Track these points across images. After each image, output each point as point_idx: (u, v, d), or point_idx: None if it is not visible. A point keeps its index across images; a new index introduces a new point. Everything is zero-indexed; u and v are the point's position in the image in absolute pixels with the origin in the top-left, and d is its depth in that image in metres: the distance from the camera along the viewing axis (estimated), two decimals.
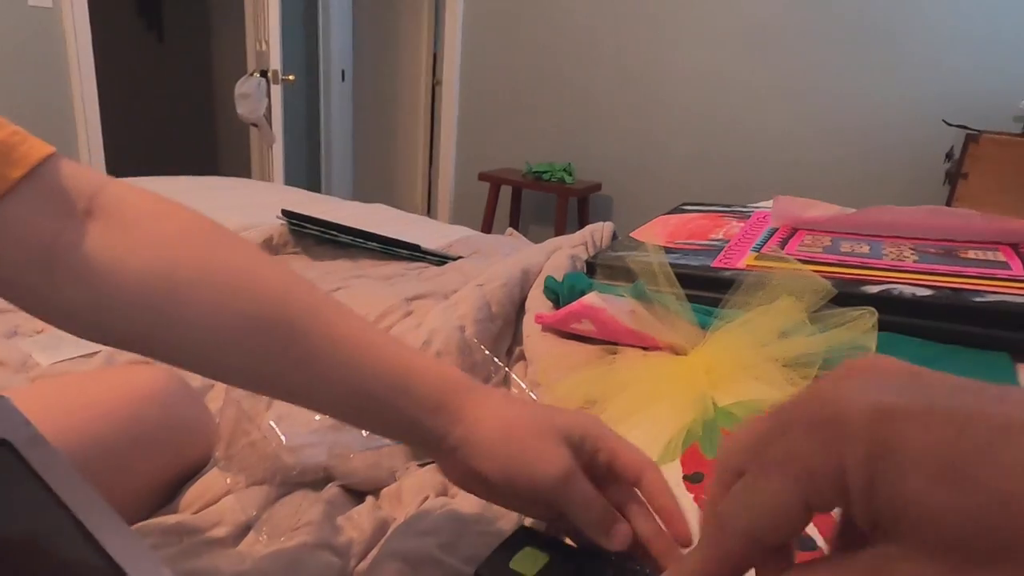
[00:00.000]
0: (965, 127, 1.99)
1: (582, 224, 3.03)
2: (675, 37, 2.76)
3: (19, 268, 0.34)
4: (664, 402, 0.54)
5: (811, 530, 0.41)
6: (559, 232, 2.91)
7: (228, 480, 0.52)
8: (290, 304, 0.36)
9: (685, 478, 0.46)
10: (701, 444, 0.49)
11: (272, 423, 0.52)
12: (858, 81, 2.44)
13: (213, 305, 0.35)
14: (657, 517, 0.36)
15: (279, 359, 0.35)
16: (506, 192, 3.21)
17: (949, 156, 2.14)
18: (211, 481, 0.54)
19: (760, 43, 2.59)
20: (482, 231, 3.05)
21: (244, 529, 0.50)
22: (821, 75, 2.50)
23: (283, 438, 0.51)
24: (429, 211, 4.14)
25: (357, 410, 0.37)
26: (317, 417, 0.55)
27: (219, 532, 0.49)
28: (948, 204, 1.95)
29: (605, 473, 0.37)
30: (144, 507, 0.52)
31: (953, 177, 1.95)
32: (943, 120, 2.18)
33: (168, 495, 0.54)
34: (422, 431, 0.36)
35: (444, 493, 0.55)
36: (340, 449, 0.53)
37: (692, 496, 0.45)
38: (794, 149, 2.62)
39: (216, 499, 0.53)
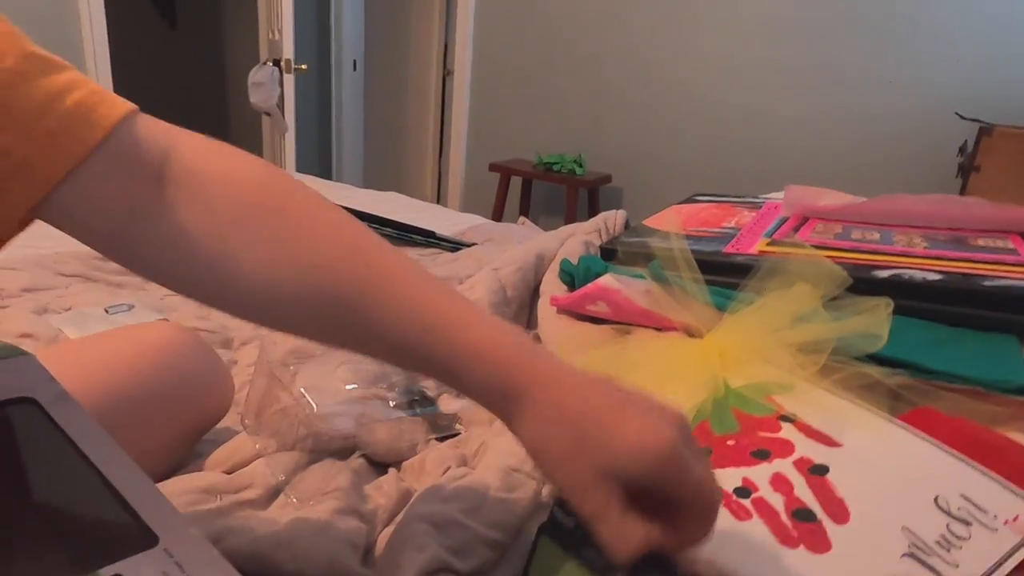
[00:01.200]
0: (978, 120, 1.98)
1: (592, 215, 3.03)
2: (687, 28, 2.76)
3: (99, 230, 0.36)
4: (677, 382, 0.55)
5: (811, 501, 0.43)
6: (569, 223, 2.92)
7: (257, 445, 0.54)
8: (356, 265, 0.35)
9: None
10: (711, 421, 0.51)
11: (303, 390, 0.54)
12: (872, 73, 2.43)
13: (276, 267, 0.35)
14: None
15: (342, 323, 0.35)
16: (516, 183, 3.22)
17: (963, 150, 2.13)
18: (239, 444, 0.56)
19: (772, 35, 2.58)
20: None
21: (274, 492, 0.52)
22: (835, 67, 2.50)
23: (314, 406, 0.53)
24: (439, 201, 4.16)
25: (425, 374, 0.36)
26: (347, 387, 0.57)
27: (250, 494, 0.52)
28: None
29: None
30: (165, 459, 0.54)
31: (966, 170, 1.95)
32: (956, 113, 2.17)
33: (187, 451, 0.56)
34: (490, 407, 0.35)
35: (464, 464, 0.58)
36: (366, 420, 0.55)
37: None
38: (806, 142, 2.62)
39: (245, 462, 0.55)
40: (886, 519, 0.40)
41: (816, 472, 0.44)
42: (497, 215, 3.13)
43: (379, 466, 0.58)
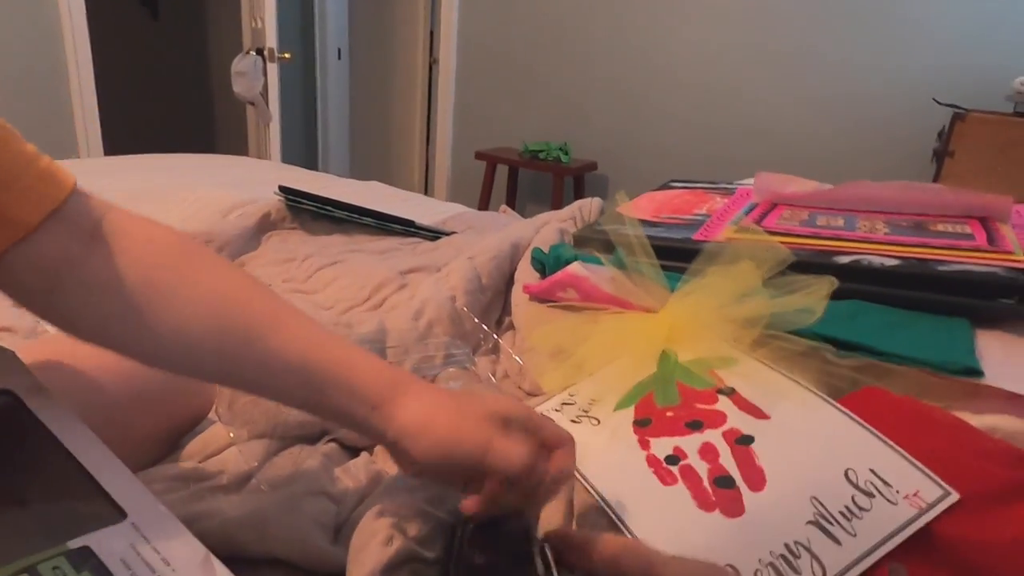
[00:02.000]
0: (955, 106, 2.01)
1: None
2: (671, 16, 2.76)
3: (31, 287, 0.40)
4: (630, 354, 0.57)
5: (732, 469, 0.45)
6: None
7: (231, 434, 0.56)
8: (252, 311, 0.41)
9: (635, 423, 0.50)
10: (655, 394, 0.53)
11: None
12: (852, 59, 2.45)
13: (184, 314, 0.40)
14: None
15: (240, 359, 0.41)
16: (502, 171, 3.23)
17: (940, 135, 2.16)
18: (213, 434, 0.57)
19: (754, 22, 2.60)
20: (479, 210, 3.08)
21: (246, 478, 0.54)
22: (816, 53, 2.51)
23: None
24: (426, 190, 4.15)
25: (312, 405, 0.42)
26: None
27: (222, 480, 0.53)
28: (935, 181, 1.98)
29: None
30: (144, 459, 0.55)
31: (940, 156, 1.98)
32: (934, 99, 2.20)
33: (166, 449, 0.57)
34: (367, 426, 0.41)
35: None
36: None
37: (637, 438, 0.49)
38: (789, 126, 2.64)
39: (219, 451, 0.56)
40: (798, 488, 0.42)
41: (742, 442, 0.47)
42: (484, 203, 3.13)
43: (351, 450, 0.60)
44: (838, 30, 2.45)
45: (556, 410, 0.55)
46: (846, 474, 0.42)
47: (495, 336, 0.82)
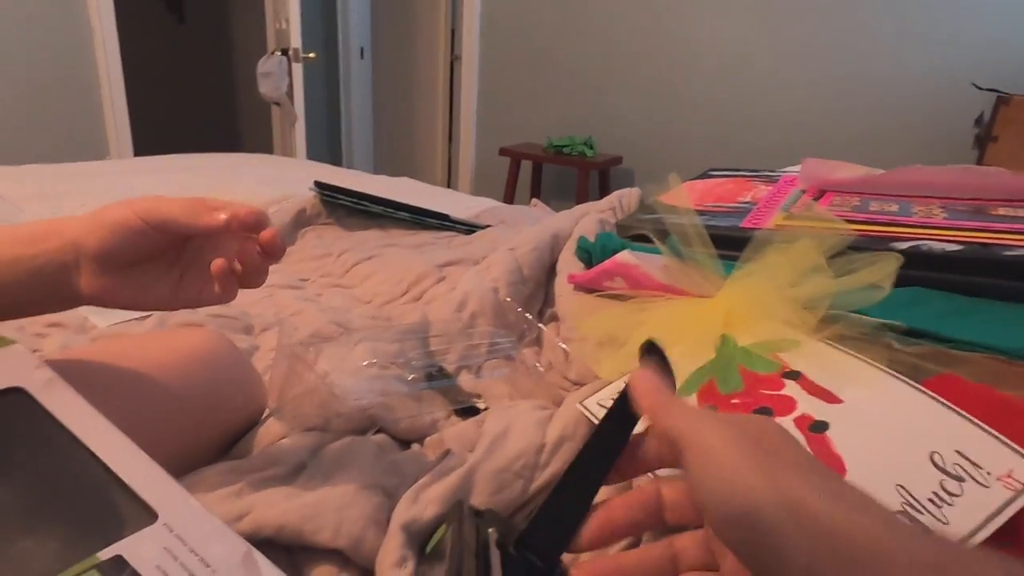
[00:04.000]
0: (995, 90, 1.95)
1: (604, 197, 3.02)
2: (695, 7, 2.72)
3: None
4: (686, 340, 0.56)
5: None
6: None
7: (281, 427, 0.55)
8: None
9: None
10: (717, 380, 0.51)
11: (325, 370, 0.54)
12: (885, 45, 2.40)
13: None
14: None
15: None
16: (527, 167, 3.21)
17: (979, 121, 2.10)
18: (266, 430, 0.57)
19: (783, 10, 2.55)
20: None
21: (299, 468, 0.53)
22: (848, 38, 2.46)
23: (336, 384, 0.53)
24: (450, 186, 4.15)
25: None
26: (363, 363, 0.58)
27: (275, 471, 0.52)
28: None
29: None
30: (197, 464, 0.54)
31: (983, 141, 1.92)
32: (972, 84, 2.14)
33: (219, 453, 0.56)
34: (46, 259, 0.41)
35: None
36: (385, 395, 0.55)
37: None
38: (819, 118, 2.59)
39: (271, 444, 0.56)
40: (881, 476, 0.40)
41: (816, 429, 0.45)
42: (508, 199, 3.12)
43: (401, 442, 0.59)
44: (871, 14, 2.40)
45: (612, 398, 0.54)
46: (931, 458, 0.40)
47: (540, 326, 0.81)
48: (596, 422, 0.53)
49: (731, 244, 0.75)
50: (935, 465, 0.40)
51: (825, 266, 0.56)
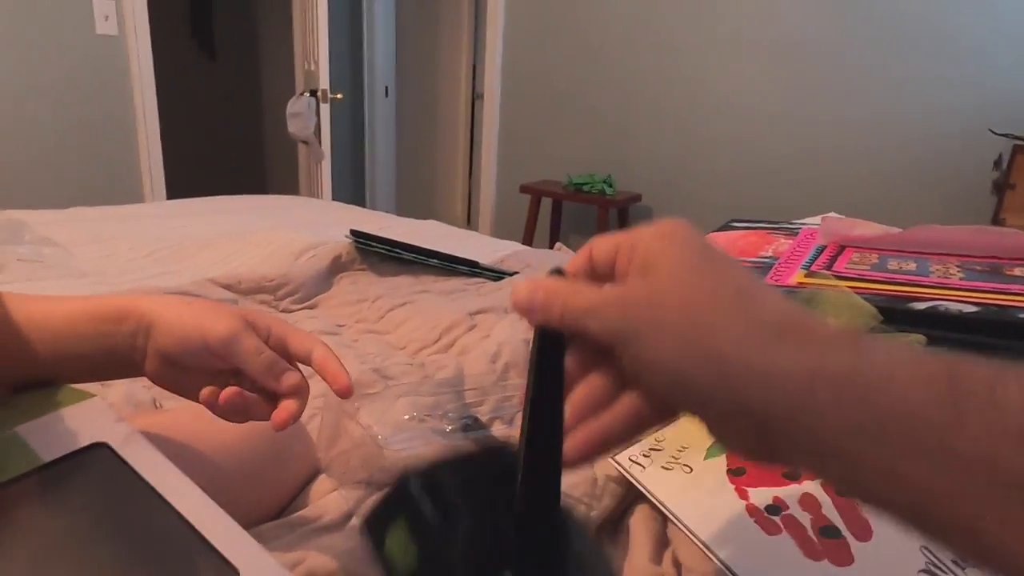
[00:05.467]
0: (1012, 136, 1.98)
1: None
2: (715, 48, 2.79)
3: None
4: None
5: (836, 519, 0.46)
6: None
7: (332, 483, 0.59)
8: None
9: (729, 472, 0.52)
10: None
11: (370, 423, 0.58)
12: (902, 90, 2.44)
13: None
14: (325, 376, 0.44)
15: None
16: (547, 204, 3.27)
17: (997, 164, 2.13)
18: (318, 486, 0.60)
19: (801, 55, 2.60)
20: (523, 243, 3.12)
21: (347, 517, 0.57)
22: (863, 85, 2.51)
23: (380, 437, 0.57)
24: (469, 223, 4.22)
25: (73, 348, 0.44)
26: (405, 417, 0.62)
27: (325, 521, 0.56)
28: (996, 214, 1.94)
29: (282, 352, 0.45)
30: (255, 524, 0.56)
31: (1001, 188, 1.94)
32: (989, 129, 2.17)
33: (275, 514, 0.57)
34: (119, 341, 0.44)
35: None
36: (425, 448, 0.59)
37: (734, 487, 0.50)
38: (836, 159, 2.63)
39: (320, 498, 0.59)
40: (906, 538, 0.43)
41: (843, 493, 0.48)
42: (528, 236, 3.17)
43: None
44: (889, 59, 2.44)
45: (644, 455, 0.57)
46: None
47: None
48: (628, 476, 0.56)
49: None
50: None
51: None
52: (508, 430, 0.74)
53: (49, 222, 1.47)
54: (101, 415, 0.42)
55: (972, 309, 0.69)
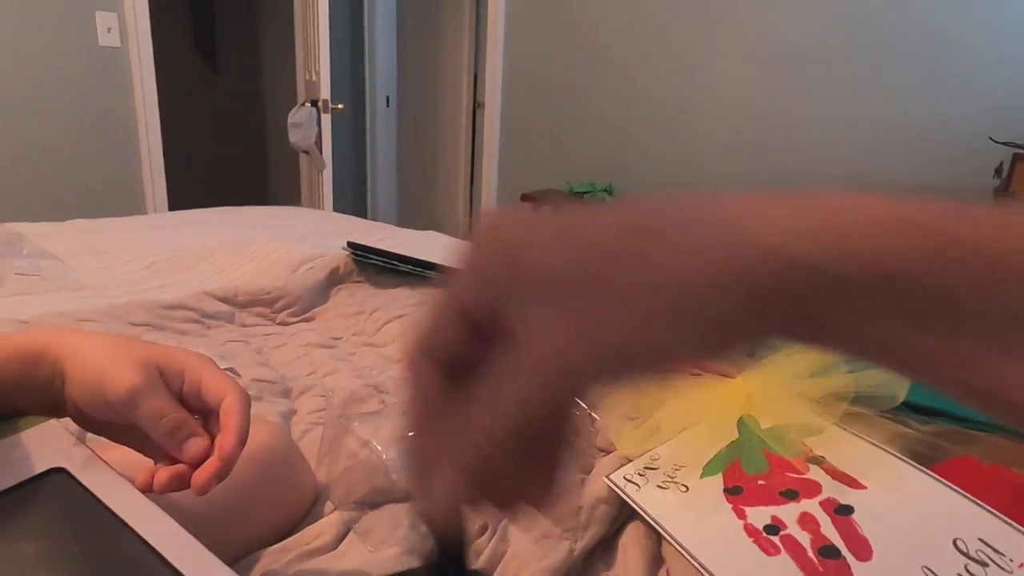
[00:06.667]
0: (1013, 144, 1.97)
1: None
2: (716, 56, 2.80)
3: None
4: (708, 420, 0.59)
5: (836, 539, 0.46)
6: None
7: (332, 503, 0.58)
8: None
9: (726, 491, 0.51)
10: (742, 461, 0.54)
11: (373, 441, 0.58)
12: (902, 100, 2.44)
13: None
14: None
15: None
16: None
17: (999, 172, 2.12)
18: (316, 509, 0.60)
19: (800, 64, 2.61)
20: None
21: (340, 538, 0.56)
22: (863, 95, 2.51)
23: (383, 456, 0.57)
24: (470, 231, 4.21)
25: None
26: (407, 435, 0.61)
27: (319, 542, 0.55)
28: None
29: (196, 399, 0.41)
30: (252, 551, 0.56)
31: (1002, 196, 1.94)
32: (990, 137, 2.16)
33: (273, 541, 0.56)
34: (41, 385, 0.40)
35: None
36: None
37: (731, 507, 0.50)
38: (836, 167, 2.62)
39: (316, 519, 0.59)
40: (907, 558, 0.42)
41: (841, 512, 0.47)
42: None
43: None
44: (884, 74, 2.44)
45: (640, 474, 0.57)
46: (955, 543, 0.43)
47: None
48: (623, 496, 0.56)
49: None
50: (959, 550, 0.42)
51: (841, 365, 0.59)
52: None
53: (47, 235, 1.47)
54: (57, 439, 0.40)
55: None
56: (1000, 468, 0.52)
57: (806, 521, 0.47)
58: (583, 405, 0.77)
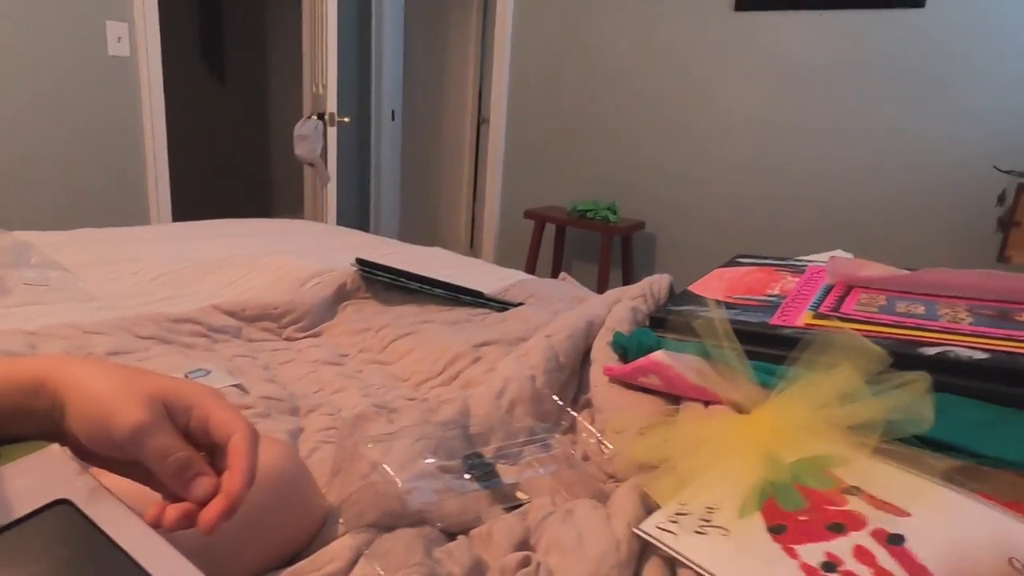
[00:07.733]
0: (1016, 172, 1.99)
1: (626, 261, 3.08)
2: (721, 80, 2.82)
3: None
4: (734, 459, 0.58)
5: (896, 570, 0.45)
6: (603, 270, 2.95)
7: (340, 522, 0.58)
8: None
9: (769, 530, 0.50)
10: (778, 498, 0.53)
11: (385, 465, 0.57)
12: (906, 126, 2.45)
13: None
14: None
15: None
16: (550, 230, 3.28)
17: (1001, 199, 2.14)
18: (326, 530, 0.59)
19: (806, 88, 2.63)
20: (526, 268, 3.13)
21: (353, 562, 0.56)
22: (867, 120, 2.53)
23: (398, 482, 0.56)
24: (472, 247, 4.23)
25: None
26: (426, 461, 0.61)
27: (332, 568, 0.55)
28: (1001, 251, 1.95)
29: (203, 435, 0.40)
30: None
31: (1006, 225, 1.95)
32: (994, 166, 2.18)
33: (282, 565, 0.56)
34: (40, 416, 0.40)
35: (527, 540, 0.60)
36: (441, 494, 0.58)
37: (780, 547, 0.49)
38: (839, 192, 2.64)
39: (327, 542, 0.58)
40: None
41: (894, 542, 0.47)
42: (532, 262, 3.18)
43: (449, 535, 0.61)
44: (889, 100, 2.46)
45: (672, 521, 0.55)
46: (1011, 562, 0.42)
47: (574, 413, 0.84)
48: (663, 547, 0.53)
49: (761, 341, 0.78)
50: (1016, 569, 0.42)
51: (866, 390, 0.59)
52: (512, 469, 0.73)
53: (55, 244, 1.47)
54: (61, 467, 0.39)
55: (982, 356, 0.69)
56: (1016, 506, 0.52)
57: (861, 554, 0.46)
58: (597, 435, 0.76)
